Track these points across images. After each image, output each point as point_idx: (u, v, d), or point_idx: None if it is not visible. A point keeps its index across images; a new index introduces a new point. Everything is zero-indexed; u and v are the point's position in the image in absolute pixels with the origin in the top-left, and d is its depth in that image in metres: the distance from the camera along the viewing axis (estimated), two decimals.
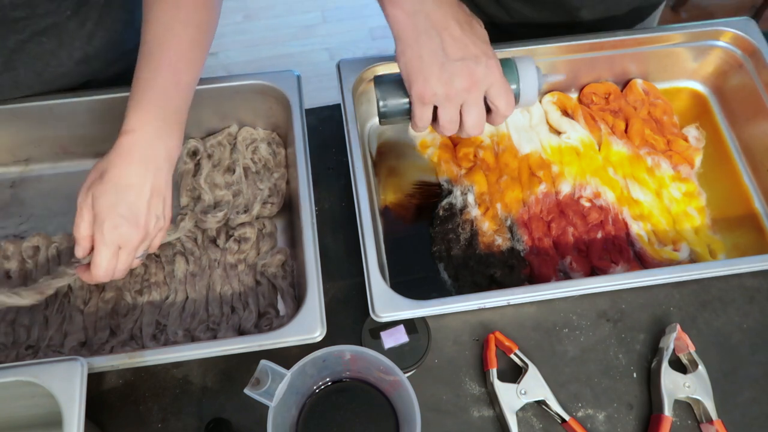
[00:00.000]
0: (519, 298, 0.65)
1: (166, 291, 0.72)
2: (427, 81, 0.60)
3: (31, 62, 0.70)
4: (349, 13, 2.19)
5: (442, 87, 0.60)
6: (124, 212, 0.60)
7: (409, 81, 0.61)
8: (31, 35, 0.68)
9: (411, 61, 0.60)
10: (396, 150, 0.83)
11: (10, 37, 0.67)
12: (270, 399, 0.51)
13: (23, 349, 0.68)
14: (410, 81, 0.61)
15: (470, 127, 0.64)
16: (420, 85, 0.60)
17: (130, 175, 0.61)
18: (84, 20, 0.71)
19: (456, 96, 0.61)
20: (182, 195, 0.78)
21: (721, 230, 0.79)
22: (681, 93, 0.89)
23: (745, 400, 0.68)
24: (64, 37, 0.71)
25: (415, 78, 0.60)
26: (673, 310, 0.73)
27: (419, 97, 0.61)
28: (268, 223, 0.77)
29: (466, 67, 0.60)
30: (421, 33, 0.59)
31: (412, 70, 0.60)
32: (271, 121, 0.81)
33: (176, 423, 0.66)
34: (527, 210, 0.78)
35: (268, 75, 0.76)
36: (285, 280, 0.73)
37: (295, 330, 0.62)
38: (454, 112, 0.63)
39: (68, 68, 0.74)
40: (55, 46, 0.71)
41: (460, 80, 0.60)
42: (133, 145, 0.61)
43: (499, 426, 0.67)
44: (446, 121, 0.63)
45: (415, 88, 0.61)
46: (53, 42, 0.70)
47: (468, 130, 0.64)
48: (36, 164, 0.81)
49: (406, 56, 0.60)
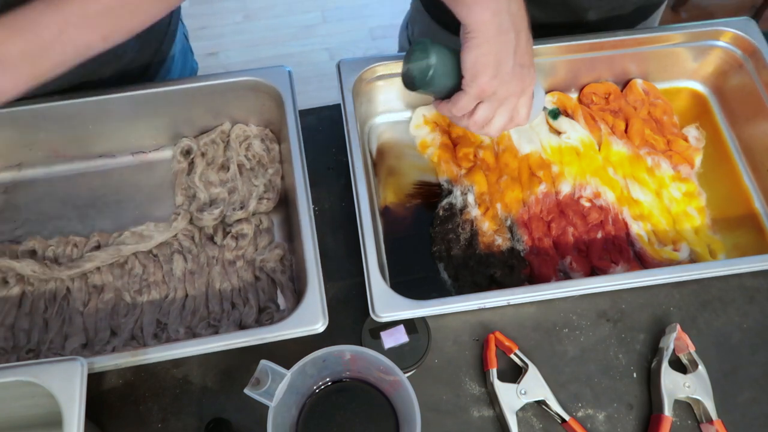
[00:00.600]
0: (519, 298, 0.65)
1: (165, 290, 0.72)
2: (494, 79, 0.61)
3: None
4: (349, 13, 2.19)
5: (503, 88, 0.62)
6: None
7: (476, 72, 0.61)
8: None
9: (485, 56, 0.60)
10: (396, 150, 0.83)
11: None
12: (270, 399, 0.51)
13: (24, 353, 0.68)
14: (477, 72, 0.61)
15: (496, 128, 0.66)
16: (486, 81, 0.61)
17: None
18: None
19: (505, 98, 0.63)
20: (177, 194, 0.78)
21: (721, 230, 0.79)
22: (681, 93, 0.89)
23: (745, 400, 0.68)
24: None
25: (483, 72, 0.61)
26: (673, 310, 0.73)
27: (480, 90, 0.62)
28: (264, 219, 0.77)
29: (524, 73, 0.63)
30: (502, 32, 0.60)
31: (484, 65, 0.61)
32: (264, 118, 0.81)
33: (176, 423, 0.66)
34: (527, 210, 0.78)
35: (259, 71, 0.76)
36: (284, 275, 0.73)
37: (297, 322, 0.62)
38: (493, 112, 0.65)
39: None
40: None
41: (514, 85, 0.62)
42: None
43: (499, 426, 0.67)
44: (482, 117, 0.65)
45: (481, 81, 0.61)
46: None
47: (492, 130, 0.66)
48: (29, 168, 0.80)
49: (481, 49, 0.60)
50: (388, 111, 0.84)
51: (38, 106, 0.73)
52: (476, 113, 0.65)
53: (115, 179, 0.80)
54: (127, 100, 0.74)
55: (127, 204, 0.78)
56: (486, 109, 0.65)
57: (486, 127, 0.67)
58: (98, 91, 0.74)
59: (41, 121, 0.75)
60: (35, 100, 0.73)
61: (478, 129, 0.67)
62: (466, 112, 0.66)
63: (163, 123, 0.79)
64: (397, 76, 0.79)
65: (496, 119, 0.66)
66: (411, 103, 0.84)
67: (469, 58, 0.61)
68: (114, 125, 0.77)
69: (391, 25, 2.13)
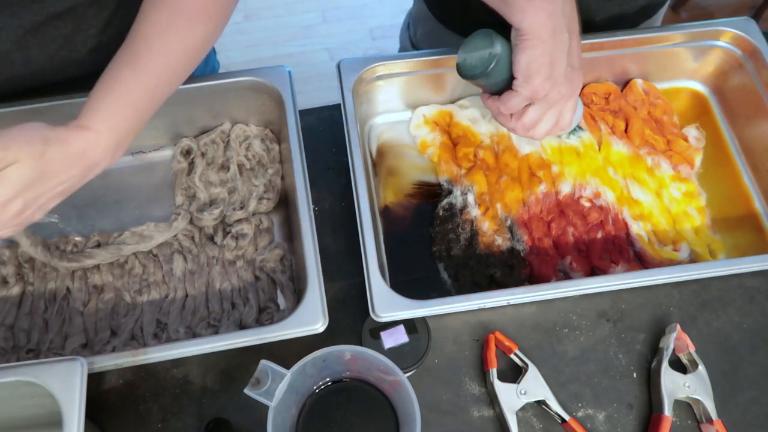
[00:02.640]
0: (519, 298, 0.65)
1: (165, 290, 0.72)
2: (548, 81, 0.61)
3: (45, 43, 0.69)
4: (349, 13, 2.19)
5: (555, 90, 0.61)
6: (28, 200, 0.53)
7: (530, 73, 0.61)
8: (48, 18, 0.66)
9: (540, 57, 0.60)
10: (396, 150, 0.83)
11: (27, 17, 0.65)
12: (270, 399, 0.51)
13: (24, 353, 0.68)
14: (531, 74, 0.61)
15: (542, 132, 0.66)
16: (539, 82, 0.61)
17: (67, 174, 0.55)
18: (102, 8, 0.70)
19: (555, 101, 0.63)
20: (177, 194, 0.78)
21: (721, 230, 0.79)
22: (681, 93, 0.89)
23: (745, 400, 0.68)
24: (81, 23, 0.70)
25: (537, 73, 0.60)
26: (673, 310, 0.73)
27: (533, 92, 0.62)
28: (264, 219, 0.77)
29: (574, 75, 0.62)
30: (556, 33, 0.60)
31: (539, 66, 0.60)
32: (263, 118, 0.81)
33: (176, 423, 0.66)
34: (527, 210, 0.78)
35: (259, 71, 0.76)
36: (284, 275, 0.73)
37: (297, 322, 0.62)
38: (542, 114, 0.64)
39: (80, 56, 0.73)
40: (70, 31, 0.70)
41: (566, 87, 0.62)
42: (90, 148, 0.56)
43: (499, 426, 0.67)
44: (531, 120, 0.64)
45: (535, 82, 0.61)
46: (69, 27, 0.69)
47: (538, 133, 0.66)
48: None
49: (536, 50, 0.60)
50: (388, 111, 0.84)
51: (38, 105, 0.73)
52: (526, 115, 0.64)
53: (115, 179, 0.80)
54: None
55: (127, 204, 0.78)
56: (536, 111, 0.64)
57: (532, 130, 0.66)
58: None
59: (38, 120, 0.74)
60: (35, 100, 0.73)
61: (524, 131, 0.67)
62: (515, 113, 0.65)
63: (163, 123, 0.79)
64: (397, 76, 0.80)
65: (544, 122, 0.65)
66: (411, 103, 0.84)
67: (523, 59, 0.60)
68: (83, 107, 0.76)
69: (391, 25, 2.13)
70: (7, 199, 0.51)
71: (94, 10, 0.70)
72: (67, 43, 0.71)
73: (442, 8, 0.89)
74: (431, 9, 0.92)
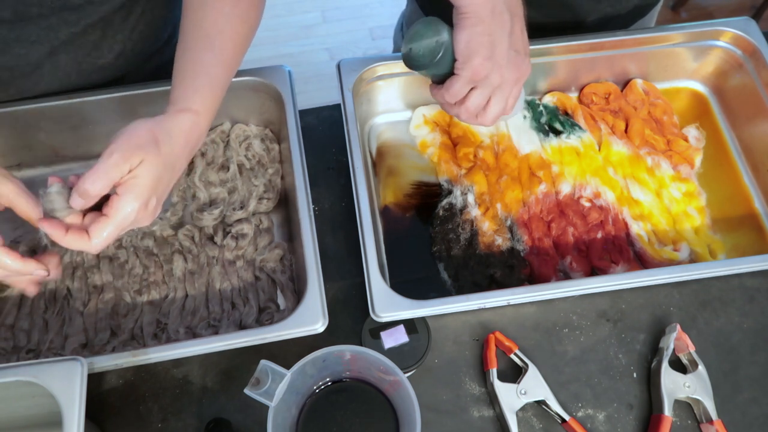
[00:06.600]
0: (519, 298, 0.65)
1: (165, 290, 0.72)
2: (488, 60, 0.59)
3: (74, 51, 0.70)
4: (349, 13, 2.19)
5: (497, 72, 0.60)
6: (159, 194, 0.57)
7: (469, 53, 0.59)
8: (84, 28, 0.67)
9: (479, 36, 0.58)
10: (396, 150, 0.83)
11: (63, 29, 0.66)
12: (270, 399, 0.51)
13: (24, 353, 0.68)
14: (470, 53, 0.59)
15: (491, 117, 0.64)
16: (479, 62, 0.59)
17: (180, 158, 0.59)
18: (129, 13, 0.71)
19: (500, 85, 0.61)
20: (173, 194, 0.77)
21: (721, 230, 0.79)
22: (681, 93, 0.89)
23: (745, 400, 0.68)
24: (108, 30, 0.70)
25: (476, 52, 0.59)
26: (673, 310, 0.73)
27: (473, 72, 0.60)
28: (264, 219, 0.77)
29: (519, 60, 0.60)
30: (496, 13, 0.58)
31: (478, 45, 0.58)
32: (263, 118, 0.81)
33: (176, 423, 0.66)
34: (527, 210, 0.78)
35: (259, 71, 0.76)
36: (284, 275, 0.73)
37: (297, 322, 0.62)
38: (486, 99, 0.62)
39: (107, 61, 0.73)
40: (98, 37, 0.70)
41: (511, 71, 0.60)
42: (193, 128, 0.59)
43: (499, 426, 0.67)
44: (474, 104, 0.62)
45: (474, 62, 0.59)
46: (97, 33, 0.70)
47: (486, 119, 0.64)
48: (28, 169, 0.80)
49: (476, 29, 0.58)
50: (388, 111, 0.84)
51: (38, 105, 0.73)
52: (469, 99, 0.62)
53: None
54: (127, 99, 0.74)
55: None
56: (479, 95, 0.62)
57: (480, 116, 0.64)
58: (98, 91, 0.74)
59: (41, 121, 0.75)
60: (35, 100, 0.73)
61: (470, 117, 0.64)
62: (459, 99, 0.63)
63: None
64: (397, 76, 0.80)
65: (494, 107, 0.63)
66: (411, 103, 0.84)
67: (462, 38, 0.59)
68: (114, 125, 0.77)
69: (391, 25, 2.11)
70: (146, 200, 0.55)
71: (121, 15, 0.70)
72: (95, 49, 0.71)
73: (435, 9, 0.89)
74: (424, 10, 0.92)
